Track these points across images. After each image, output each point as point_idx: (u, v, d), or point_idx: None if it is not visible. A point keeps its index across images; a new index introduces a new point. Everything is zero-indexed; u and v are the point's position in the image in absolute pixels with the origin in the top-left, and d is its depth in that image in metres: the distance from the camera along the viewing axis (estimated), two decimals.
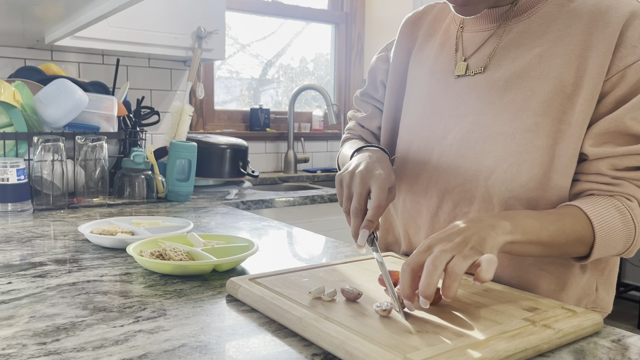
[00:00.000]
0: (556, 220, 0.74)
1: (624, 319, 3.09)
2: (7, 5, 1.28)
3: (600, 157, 0.77)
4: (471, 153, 0.85)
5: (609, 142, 0.77)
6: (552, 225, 0.73)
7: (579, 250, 0.76)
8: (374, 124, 1.11)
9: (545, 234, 0.72)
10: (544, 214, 0.75)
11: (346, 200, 0.83)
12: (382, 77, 1.08)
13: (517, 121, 0.80)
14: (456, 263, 0.63)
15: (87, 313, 0.69)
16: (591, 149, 0.78)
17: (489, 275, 0.61)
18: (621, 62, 0.76)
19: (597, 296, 0.88)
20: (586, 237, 0.75)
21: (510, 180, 0.81)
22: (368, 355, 0.54)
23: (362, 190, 0.80)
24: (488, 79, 0.85)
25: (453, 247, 0.64)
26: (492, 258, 0.63)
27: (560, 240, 0.74)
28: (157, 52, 1.96)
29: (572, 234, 0.74)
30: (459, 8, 0.83)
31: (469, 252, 0.64)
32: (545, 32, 0.82)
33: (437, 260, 0.63)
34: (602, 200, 0.77)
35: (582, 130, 0.78)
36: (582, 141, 0.78)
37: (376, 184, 0.79)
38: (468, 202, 0.86)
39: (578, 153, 0.78)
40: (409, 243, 0.97)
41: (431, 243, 0.67)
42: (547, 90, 0.79)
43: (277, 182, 2.43)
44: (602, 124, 0.77)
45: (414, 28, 1.03)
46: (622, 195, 0.77)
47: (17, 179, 1.35)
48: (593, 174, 0.79)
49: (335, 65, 2.90)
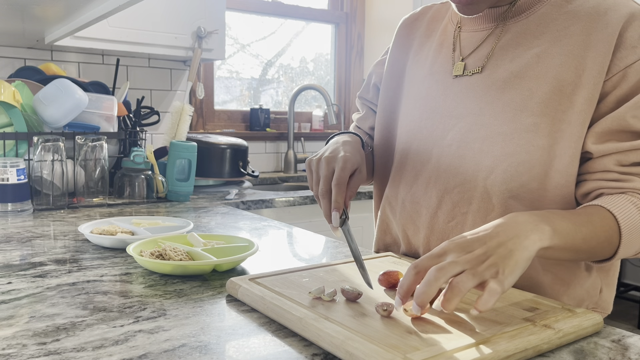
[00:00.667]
0: (587, 222, 0.71)
1: (624, 319, 3.09)
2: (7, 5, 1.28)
3: (605, 154, 0.77)
4: (470, 153, 0.85)
5: (612, 140, 0.77)
6: (584, 227, 0.70)
7: (605, 252, 0.74)
8: (366, 124, 1.13)
9: (579, 237, 0.69)
10: (575, 214, 0.72)
11: (315, 184, 0.87)
12: (375, 80, 1.10)
13: (516, 121, 0.80)
14: (462, 279, 0.58)
15: (87, 313, 0.69)
16: (595, 147, 0.77)
17: (486, 306, 0.57)
18: (621, 62, 0.76)
19: (600, 297, 0.87)
20: (613, 237, 0.73)
21: (509, 180, 0.80)
22: (368, 355, 0.54)
23: (327, 173, 0.84)
24: (486, 79, 0.85)
25: (468, 260, 0.60)
26: (496, 289, 0.58)
27: (592, 243, 0.71)
28: (157, 52, 1.96)
29: (602, 236, 0.72)
30: (462, 7, 0.83)
31: (483, 269, 0.59)
32: (543, 32, 0.82)
33: (440, 272, 0.59)
34: (619, 198, 0.74)
35: (583, 129, 0.78)
36: (583, 140, 0.78)
37: (338, 164, 0.84)
38: (467, 202, 0.86)
39: (579, 152, 0.78)
40: (408, 244, 0.97)
41: (447, 248, 0.62)
42: (546, 90, 0.79)
43: (277, 182, 2.43)
44: (604, 123, 0.77)
45: (411, 30, 1.03)
46: (634, 192, 0.76)
47: (17, 179, 1.35)
48: (600, 171, 0.78)
49: (335, 65, 2.90)
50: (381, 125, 1.04)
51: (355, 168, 0.86)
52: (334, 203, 0.81)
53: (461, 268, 0.59)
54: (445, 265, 0.60)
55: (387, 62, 1.06)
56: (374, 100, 1.10)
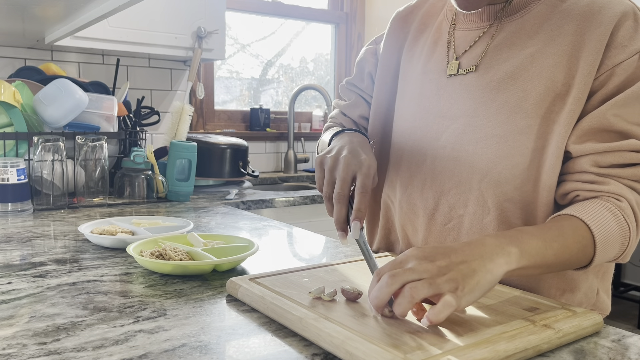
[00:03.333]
0: (558, 236, 0.70)
1: (624, 319, 3.09)
2: (7, 5, 1.28)
3: (582, 155, 0.76)
4: (464, 155, 0.84)
5: (592, 139, 0.76)
6: (555, 242, 0.69)
7: (580, 262, 0.73)
8: (356, 112, 1.08)
9: (550, 253, 0.68)
10: (545, 229, 0.71)
11: (327, 185, 0.79)
12: (369, 69, 1.06)
13: (510, 123, 0.80)
14: (417, 286, 0.58)
15: (87, 313, 0.69)
16: (574, 146, 0.77)
17: (437, 318, 0.57)
18: (610, 60, 0.75)
19: (597, 299, 0.87)
20: (587, 247, 0.72)
21: (504, 182, 0.80)
22: (368, 355, 0.54)
23: (345, 176, 0.77)
24: (480, 79, 0.85)
25: (427, 269, 0.59)
26: (451, 303, 0.57)
27: (564, 257, 0.70)
28: (157, 52, 1.96)
29: (575, 248, 0.71)
30: (462, 2, 0.82)
31: (441, 282, 0.58)
32: (538, 32, 0.81)
33: (393, 279, 0.59)
34: (594, 205, 0.74)
35: (568, 128, 0.77)
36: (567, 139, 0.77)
37: (361, 170, 0.77)
38: (463, 205, 0.85)
39: (563, 151, 0.77)
40: (407, 244, 0.97)
41: (410, 255, 0.62)
42: (539, 91, 0.78)
43: (277, 182, 2.43)
44: (585, 121, 0.76)
45: (405, 23, 1.02)
46: (609, 195, 0.75)
47: (17, 179, 1.35)
48: (577, 172, 0.77)
49: (335, 65, 2.90)
50: (378, 120, 1.02)
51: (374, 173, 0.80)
52: (357, 212, 0.74)
53: (418, 276, 0.59)
54: (399, 272, 0.59)
55: (381, 54, 1.03)
56: (368, 90, 1.06)
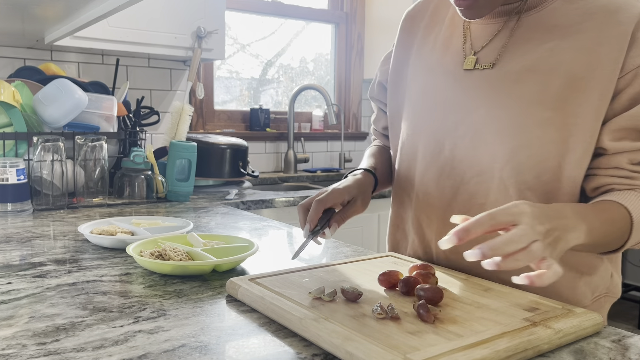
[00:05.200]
0: (610, 220, 0.75)
1: (624, 319, 3.09)
2: (7, 5, 1.28)
3: (619, 152, 0.80)
4: (484, 145, 0.86)
5: (626, 138, 0.79)
6: (607, 225, 0.75)
7: (617, 244, 0.78)
8: (380, 125, 1.13)
9: (602, 234, 0.74)
10: (602, 212, 0.76)
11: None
12: (380, 78, 1.09)
13: (529, 115, 0.82)
14: (539, 248, 0.63)
15: (87, 313, 0.69)
16: (610, 144, 0.80)
17: (545, 283, 0.62)
18: (634, 60, 0.78)
19: (611, 282, 0.91)
20: (625, 232, 0.77)
21: (525, 172, 0.82)
22: (368, 355, 0.54)
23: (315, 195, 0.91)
24: (499, 72, 0.86)
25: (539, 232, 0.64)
26: (560, 272, 0.63)
27: (609, 238, 0.76)
28: (157, 52, 1.96)
29: (618, 232, 0.76)
30: (464, 11, 0.84)
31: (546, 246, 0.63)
32: (555, 26, 0.83)
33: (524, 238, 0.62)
34: (630, 194, 0.79)
35: (597, 124, 0.80)
36: (598, 136, 0.80)
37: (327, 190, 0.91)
38: (484, 194, 0.87)
39: (593, 147, 0.81)
40: (421, 235, 0.96)
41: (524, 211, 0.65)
42: (558, 84, 0.80)
43: (277, 182, 2.43)
44: (619, 121, 0.79)
45: (415, 22, 1.02)
46: None
47: (16, 179, 1.35)
48: (612, 168, 0.81)
49: (335, 65, 2.90)
50: (394, 124, 1.03)
51: (346, 198, 0.91)
52: (307, 217, 0.88)
53: (536, 238, 0.63)
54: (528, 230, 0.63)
55: (392, 58, 1.05)
56: (381, 98, 1.09)
